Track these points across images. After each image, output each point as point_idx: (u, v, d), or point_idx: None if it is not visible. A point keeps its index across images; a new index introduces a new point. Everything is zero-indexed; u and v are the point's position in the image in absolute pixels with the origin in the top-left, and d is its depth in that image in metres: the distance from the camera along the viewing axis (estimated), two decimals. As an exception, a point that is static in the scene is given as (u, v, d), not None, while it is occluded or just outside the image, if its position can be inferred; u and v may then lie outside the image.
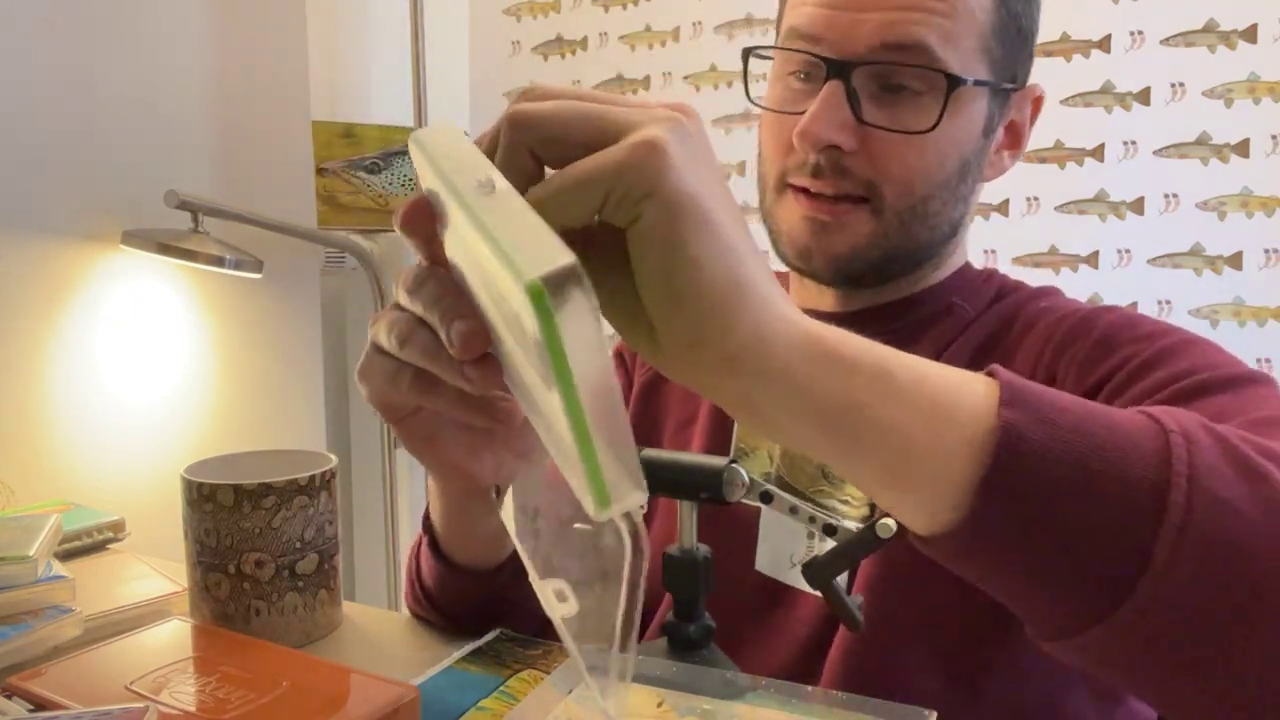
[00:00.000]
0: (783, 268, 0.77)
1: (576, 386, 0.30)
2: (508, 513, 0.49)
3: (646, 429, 0.83)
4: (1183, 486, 0.37)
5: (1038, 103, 0.74)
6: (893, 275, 0.73)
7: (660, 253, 0.34)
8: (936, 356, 0.71)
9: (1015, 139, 0.74)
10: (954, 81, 0.65)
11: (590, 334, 0.30)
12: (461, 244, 0.37)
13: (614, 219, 0.34)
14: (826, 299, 0.76)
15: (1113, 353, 0.63)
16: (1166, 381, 0.58)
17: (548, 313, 0.28)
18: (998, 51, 0.68)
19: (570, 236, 0.31)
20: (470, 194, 0.33)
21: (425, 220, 0.40)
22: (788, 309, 0.37)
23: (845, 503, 0.71)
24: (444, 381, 0.46)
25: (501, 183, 0.34)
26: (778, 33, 0.74)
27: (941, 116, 0.66)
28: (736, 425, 0.77)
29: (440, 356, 0.42)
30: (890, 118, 0.66)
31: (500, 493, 0.59)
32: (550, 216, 0.32)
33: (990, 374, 0.41)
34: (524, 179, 0.36)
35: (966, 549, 0.40)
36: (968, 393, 0.40)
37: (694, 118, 0.36)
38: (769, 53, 0.74)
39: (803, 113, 0.67)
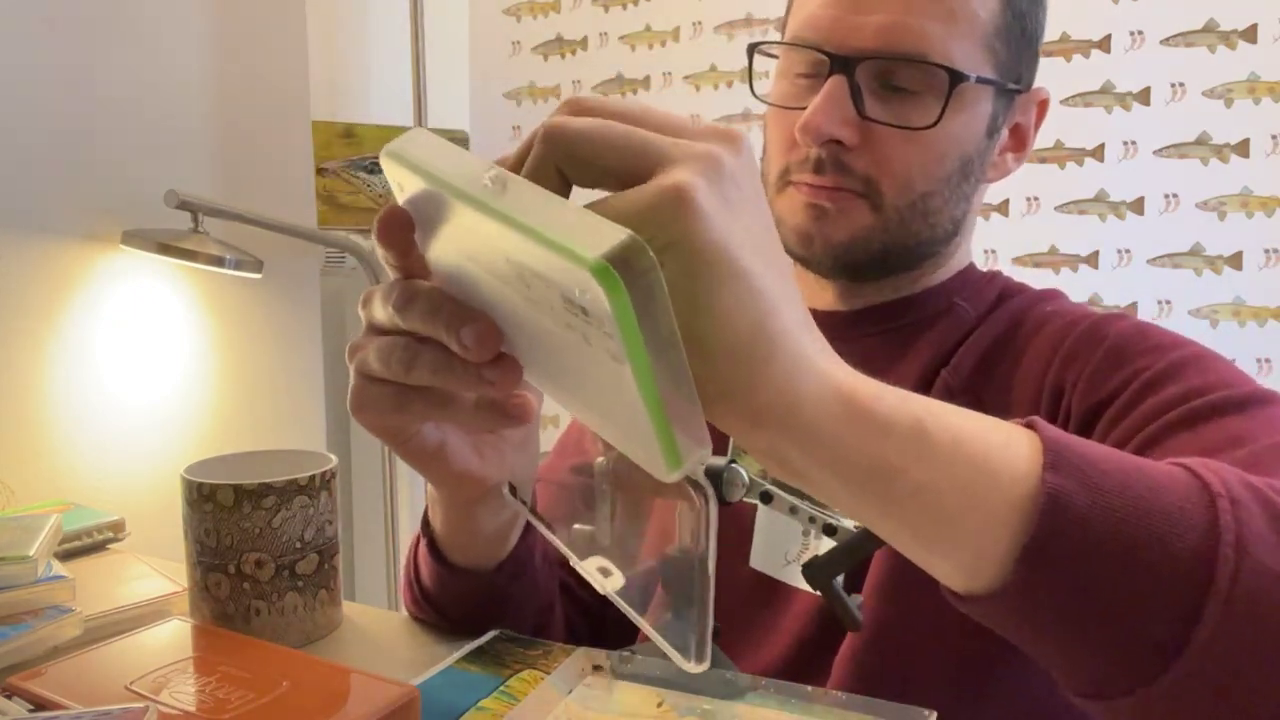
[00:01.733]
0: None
1: (649, 359, 0.30)
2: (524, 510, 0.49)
3: None
4: (1230, 557, 0.36)
5: (1043, 106, 0.74)
6: (892, 271, 0.73)
7: (683, 305, 0.32)
8: (939, 357, 0.71)
9: (1020, 142, 0.74)
10: (956, 78, 0.66)
11: (660, 302, 0.30)
12: (468, 245, 0.37)
13: None
14: (828, 296, 0.76)
15: (1122, 366, 0.63)
16: (1177, 399, 0.57)
17: (619, 289, 0.28)
18: (1002, 52, 0.68)
19: None
20: (482, 193, 0.33)
21: (404, 231, 0.39)
22: (822, 362, 0.36)
23: None
24: (457, 396, 0.46)
25: (512, 177, 0.33)
26: (783, 33, 0.75)
27: (943, 113, 0.66)
28: None
29: (453, 370, 0.41)
30: (892, 113, 0.67)
31: (514, 489, 0.59)
32: None
33: (1030, 426, 0.40)
34: None
35: (1004, 612, 0.39)
36: (1009, 455, 0.38)
37: (739, 148, 0.34)
38: (774, 51, 0.75)
39: (803, 108, 0.67)
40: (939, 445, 0.37)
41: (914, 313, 0.74)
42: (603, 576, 0.41)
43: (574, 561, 0.43)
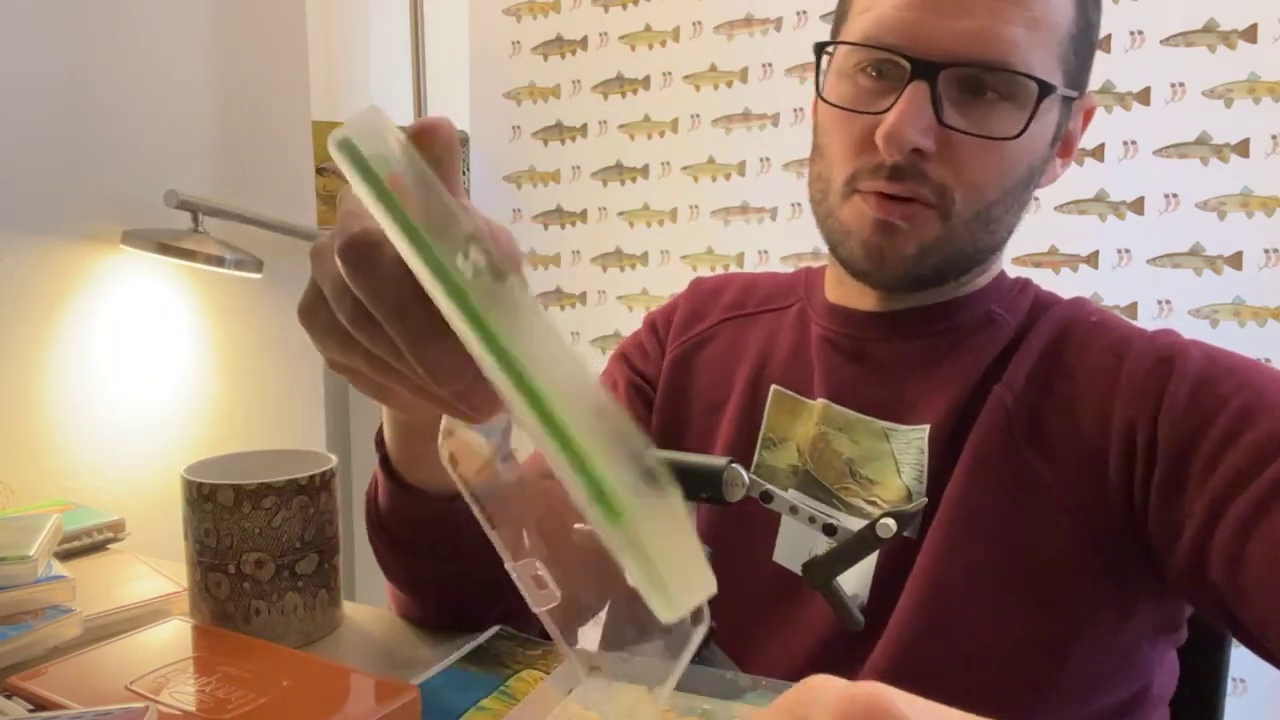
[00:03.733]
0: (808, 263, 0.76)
1: (656, 565, 0.29)
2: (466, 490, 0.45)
3: (674, 406, 0.82)
4: None
5: (1089, 112, 0.74)
6: (947, 279, 0.72)
7: None
8: (982, 366, 0.70)
9: (1068, 147, 0.73)
10: (1045, 90, 0.64)
11: (673, 515, 0.29)
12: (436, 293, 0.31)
13: None
14: (869, 299, 0.75)
15: (1203, 390, 0.62)
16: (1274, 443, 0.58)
17: (621, 528, 0.28)
18: (1071, 61, 0.68)
19: None
20: (471, 287, 0.29)
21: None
22: None
23: (873, 504, 0.70)
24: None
25: (498, 267, 0.29)
26: (837, 26, 0.72)
27: (1029, 123, 0.65)
28: (766, 414, 0.77)
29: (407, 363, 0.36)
30: (974, 123, 0.65)
31: (456, 464, 0.52)
32: None
33: None
34: None
35: None
36: None
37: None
38: (827, 46, 0.71)
39: (877, 112, 0.66)
40: None
41: (954, 319, 0.73)
42: (538, 588, 0.38)
43: (506, 563, 0.39)
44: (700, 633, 0.34)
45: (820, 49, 0.72)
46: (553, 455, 0.28)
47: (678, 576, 0.30)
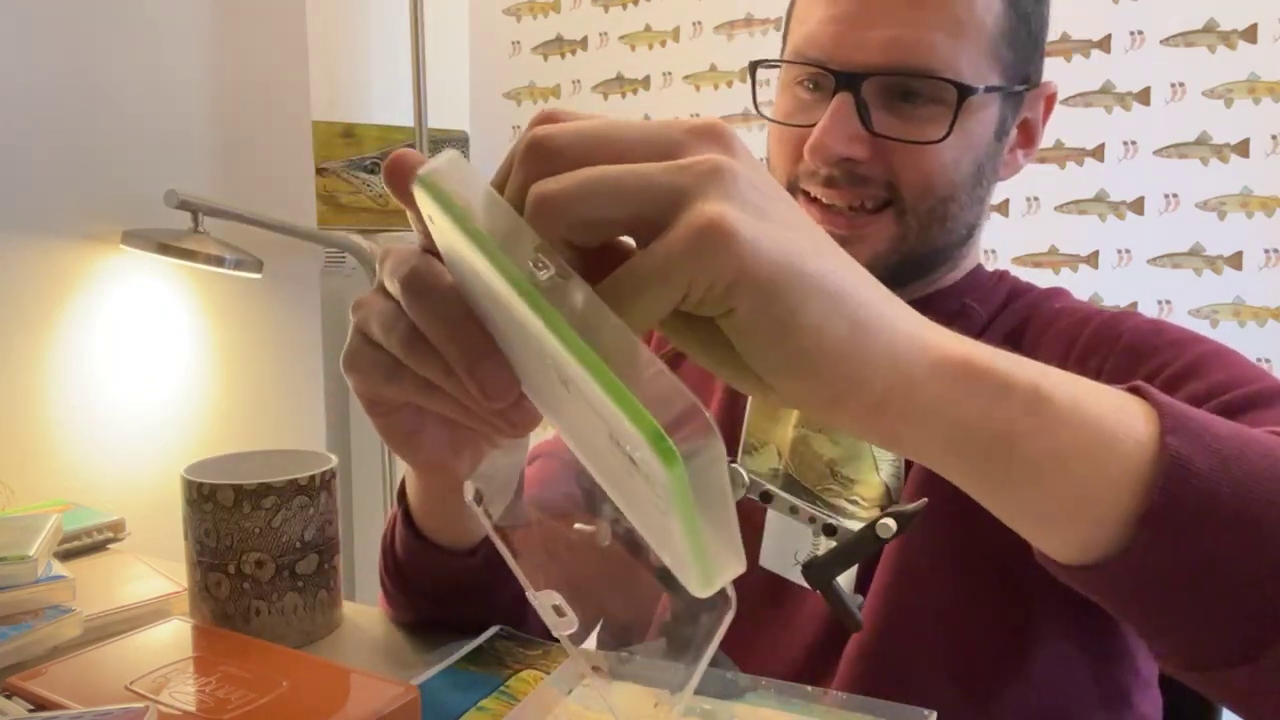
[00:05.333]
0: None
1: (700, 524, 0.28)
2: (486, 522, 0.47)
3: None
4: None
5: (1050, 100, 0.75)
6: (907, 280, 0.72)
7: (769, 335, 0.30)
8: None
9: (1029, 137, 0.74)
10: (964, 91, 0.65)
11: (716, 470, 0.28)
12: (501, 309, 0.33)
13: (700, 312, 0.30)
14: None
15: (1143, 361, 0.63)
16: (1206, 393, 0.57)
17: (678, 469, 0.26)
18: (1008, 55, 0.68)
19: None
20: (531, 282, 0.29)
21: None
22: (928, 334, 0.35)
23: (854, 503, 0.70)
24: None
25: (562, 267, 0.30)
26: (784, 42, 0.74)
27: (953, 126, 0.66)
28: (746, 419, 0.77)
29: (455, 376, 0.38)
30: (901, 128, 0.66)
31: (480, 496, 0.55)
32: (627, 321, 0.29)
33: (1135, 391, 0.39)
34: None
35: (1117, 580, 0.38)
36: (1126, 418, 0.37)
37: (730, 142, 0.31)
38: (776, 61, 0.74)
39: (811, 125, 0.67)
40: (1058, 408, 0.36)
41: (926, 315, 0.73)
42: (556, 615, 0.39)
43: (529, 593, 0.40)
44: (728, 617, 0.35)
45: (754, 68, 0.75)
46: (617, 421, 0.28)
47: (718, 545, 0.30)
